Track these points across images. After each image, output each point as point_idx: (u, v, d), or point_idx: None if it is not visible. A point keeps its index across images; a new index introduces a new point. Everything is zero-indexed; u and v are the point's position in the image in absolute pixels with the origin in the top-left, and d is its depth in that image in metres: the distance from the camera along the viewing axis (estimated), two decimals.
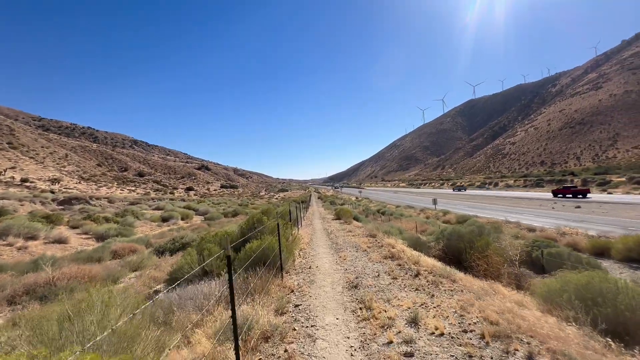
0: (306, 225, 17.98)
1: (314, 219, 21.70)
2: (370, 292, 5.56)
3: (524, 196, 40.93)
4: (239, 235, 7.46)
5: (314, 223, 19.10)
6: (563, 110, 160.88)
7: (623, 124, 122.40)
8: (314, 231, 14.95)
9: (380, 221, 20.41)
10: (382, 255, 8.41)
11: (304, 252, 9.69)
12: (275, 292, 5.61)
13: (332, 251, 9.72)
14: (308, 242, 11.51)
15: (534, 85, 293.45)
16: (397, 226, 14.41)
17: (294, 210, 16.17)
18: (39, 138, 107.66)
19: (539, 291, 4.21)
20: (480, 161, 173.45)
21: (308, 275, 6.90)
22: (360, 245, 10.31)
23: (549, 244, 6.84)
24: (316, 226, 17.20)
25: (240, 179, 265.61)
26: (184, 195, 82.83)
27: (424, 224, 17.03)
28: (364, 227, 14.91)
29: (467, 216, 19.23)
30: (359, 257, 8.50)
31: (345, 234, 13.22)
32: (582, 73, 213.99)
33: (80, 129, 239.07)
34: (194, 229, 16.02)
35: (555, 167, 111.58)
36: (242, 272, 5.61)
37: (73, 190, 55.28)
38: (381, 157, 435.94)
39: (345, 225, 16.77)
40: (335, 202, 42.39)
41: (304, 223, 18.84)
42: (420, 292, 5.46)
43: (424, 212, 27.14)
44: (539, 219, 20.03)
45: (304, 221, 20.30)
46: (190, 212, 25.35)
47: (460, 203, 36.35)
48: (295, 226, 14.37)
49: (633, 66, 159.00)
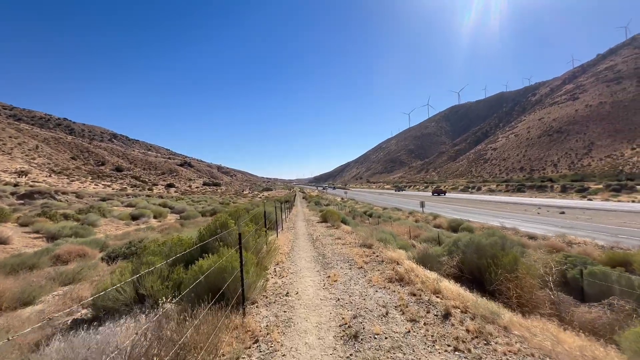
0: (288, 228, 16.24)
1: (298, 221, 20.01)
2: (380, 352, 3.60)
3: (508, 201, 41.35)
4: (198, 243, 5.72)
5: (297, 226, 17.41)
6: (542, 119, 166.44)
7: (597, 134, 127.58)
8: (297, 236, 13.20)
9: (368, 223, 19.40)
10: (386, 276, 6.49)
11: (281, 266, 7.83)
12: (228, 344, 3.63)
13: (318, 266, 7.78)
14: (288, 252, 9.66)
15: (515, 93, 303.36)
16: (388, 230, 13.36)
17: (275, 211, 14.87)
18: (6, 128, 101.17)
19: (629, 344, 3.14)
20: (462, 165, 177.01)
21: (283, 309, 4.95)
22: (354, 258, 8.34)
23: (585, 261, 5.91)
24: (299, 230, 15.47)
25: (224, 177, 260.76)
26: (164, 192, 79.72)
27: (416, 229, 15.80)
28: (354, 232, 13.39)
29: (459, 220, 18.48)
30: (355, 278, 6.54)
31: (334, 242, 11.39)
32: (561, 83, 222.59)
33: (56, 120, 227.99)
34: (164, 230, 14.51)
35: (533, 173, 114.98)
36: (185, 303, 3.88)
37: (41, 184, 51.80)
38: (367, 158, 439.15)
39: (332, 229, 15.05)
40: (321, 203, 41.42)
41: (285, 226, 17.22)
42: (464, 354, 3.51)
43: (413, 215, 26.48)
44: (531, 224, 19.56)
45: (286, 223, 18.60)
46: (164, 210, 23.45)
47: (446, 206, 36.20)
48: (274, 230, 13.14)
49: (607, 79, 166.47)
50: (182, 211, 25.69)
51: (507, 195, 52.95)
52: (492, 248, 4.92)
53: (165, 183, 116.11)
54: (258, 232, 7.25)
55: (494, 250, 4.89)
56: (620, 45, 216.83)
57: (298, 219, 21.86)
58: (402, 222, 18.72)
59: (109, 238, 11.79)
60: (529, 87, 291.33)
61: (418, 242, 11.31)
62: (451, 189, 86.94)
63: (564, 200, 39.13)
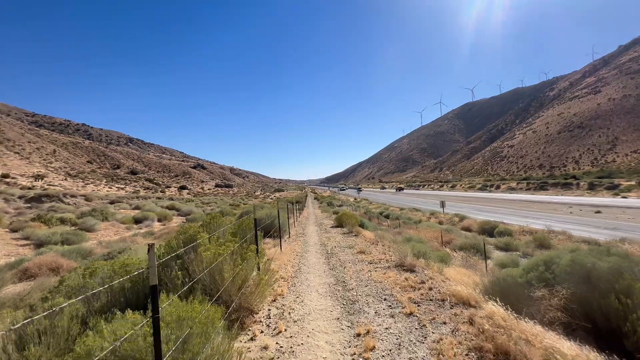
0: (296, 236, 13.37)
1: (308, 225, 17.42)
2: None
3: (533, 199, 38.91)
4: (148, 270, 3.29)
5: (308, 232, 14.73)
6: (562, 114, 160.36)
7: (622, 128, 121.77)
8: (306, 248, 10.31)
9: (386, 226, 17.71)
10: (466, 342, 3.53)
11: (280, 305, 5.15)
12: None
13: (338, 308, 4.93)
14: (292, 276, 6.91)
15: (531, 89, 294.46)
16: (416, 236, 11.11)
17: (280, 213, 11.90)
18: (26, 133, 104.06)
19: None
20: (478, 164, 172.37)
21: None
22: (393, 293, 5.39)
23: None
24: (310, 238, 12.66)
25: (237, 179, 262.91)
26: (176, 194, 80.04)
27: (445, 233, 13.11)
28: (379, 241, 10.55)
29: (492, 223, 15.95)
30: (407, 344, 3.64)
31: (356, 258, 8.41)
32: (580, 77, 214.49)
33: (75, 126, 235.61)
34: (163, 234, 13.50)
35: (554, 171, 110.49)
36: None
37: (56, 187, 52.39)
38: (378, 158, 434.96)
39: (351, 238, 12.00)
40: (333, 204, 40.05)
41: (294, 232, 14.62)
42: None
43: (435, 216, 24.47)
44: (571, 226, 17.10)
45: (295, 228, 16.02)
46: (169, 213, 22.55)
47: (467, 206, 34.23)
48: (279, 238, 10.89)
49: (631, 71, 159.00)
50: (188, 213, 24.85)
51: (530, 194, 50.29)
52: (618, 277, 3.11)
53: (178, 185, 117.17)
54: (245, 251, 4.60)
55: (624, 281, 2.97)
56: None
57: (309, 222, 19.48)
58: (425, 224, 16.71)
59: (101, 244, 10.83)
60: (546, 82, 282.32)
61: (452, 250, 9.69)
62: (468, 187, 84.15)
63: (594, 198, 36.45)
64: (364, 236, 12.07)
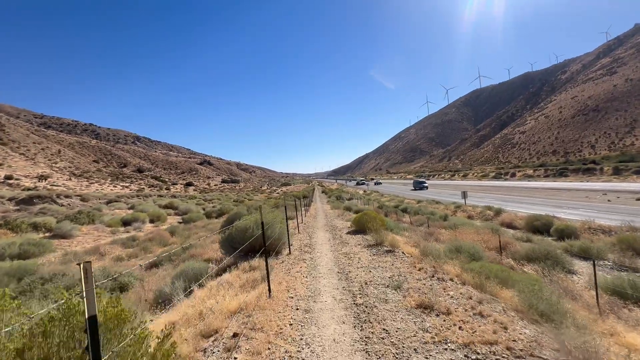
0: (300, 251, 9.40)
1: (317, 230, 13.49)
2: None
3: (557, 187, 36.17)
4: None
5: (316, 242, 10.67)
6: (575, 97, 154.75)
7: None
8: (314, 288, 6.15)
9: (408, 222, 15.41)
10: None
11: None
12: None
13: None
14: None
15: (541, 72, 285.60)
16: (465, 243, 7.98)
17: (283, 217, 9.41)
18: (31, 134, 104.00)
19: None
20: (488, 151, 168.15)
21: None
22: None
23: None
24: (320, 257, 8.50)
25: (243, 174, 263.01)
26: (182, 191, 79.02)
27: (490, 233, 10.20)
28: (429, 261, 6.91)
29: (542, 217, 12.82)
30: None
31: (419, 328, 4.14)
32: (594, 58, 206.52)
33: (82, 126, 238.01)
34: (147, 240, 11.74)
35: (568, 156, 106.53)
36: None
37: (60, 187, 51.48)
38: (385, 149, 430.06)
39: (384, 256, 8.05)
40: (342, 197, 38.03)
41: (296, 244, 10.38)
42: None
43: (462, 209, 21.17)
44: (615, 216, 14.32)
45: (299, 236, 12.21)
46: (163, 213, 20.68)
47: (487, 195, 31.89)
48: (275, 253, 8.32)
49: None
50: (186, 212, 23.00)
51: (551, 181, 47.43)
52: None
53: (184, 182, 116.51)
54: None
55: None
56: None
57: (317, 223, 15.72)
58: (455, 220, 14.35)
59: (65, 257, 9.17)
60: (558, 65, 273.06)
61: (516, 262, 7.11)
62: (481, 176, 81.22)
63: (627, 183, 33.52)
64: (402, 250, 8.31)
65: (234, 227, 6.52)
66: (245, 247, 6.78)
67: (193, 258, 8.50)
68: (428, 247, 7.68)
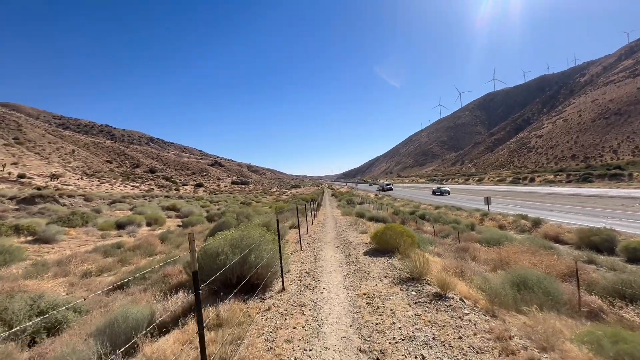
0: (301, 276, 7.23)
1: (325, 246, 10.70)
2: None
3: (585, 193, 33.68)
4: None
5: (323, 263, 8.34)
6: (596, 100, 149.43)
7: None
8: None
9: (430, 233, 13.61)
10: None
11: None
12: None
13: None
14: None
15: (559, 75, 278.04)
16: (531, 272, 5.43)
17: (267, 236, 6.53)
18: (47, 134, 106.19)
19: None
20: (502, 156, 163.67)
21: None
22: None
23: None
24: (327, 299, 5.69)
25: (253, 175, 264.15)
26: (191, 192, 78.94)
27: (546, 254, 7.84)
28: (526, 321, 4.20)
29: (600, 231, 10.49)
30: None
31: None
32: (616, 60, 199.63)
33: (99, 127, 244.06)
34: (134, 247, 10.52)
35: (589, 161, 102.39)
36: None
37: (70, 187, 51.68)
38: (396, 152, 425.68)
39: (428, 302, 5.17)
40: (353, 201, 36.56)
41: (295, 262, 8.47)
42: None
43: (489, 217, 19.00)
44: None
45: (301, 252, 9.78)
46: (162, 216, 19.49)
47: (508, 201, 29.93)
48: (261, 289, 5.86)
49: None
50: (188, 214, 21.85)
51: (575, 187, 44.80)
52: None
53: (194, 183, 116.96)
54: None
55: None
56: None
57: (326, 236, 12.91)
58: (486, 232, 12.23)
59: (35, 266, 8.08)
60: (576, 68, 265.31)
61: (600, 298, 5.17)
62: (497, 181, 78.40)
63: None
64: (459, 294, 5.35)
65: (201, 250, 4.95)
66: (220, 277, 4.72)
67: (167, 279, 6.80)
68: (493, 287, 5.12)
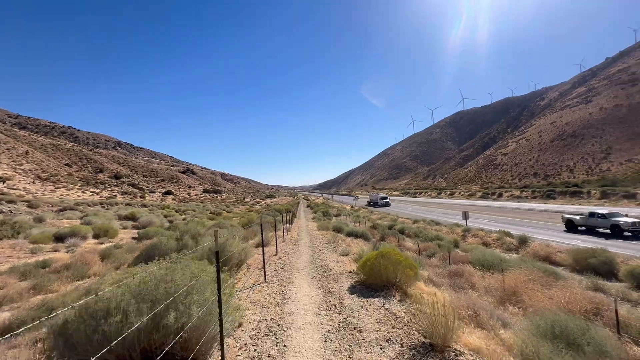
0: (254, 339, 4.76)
1: (298, 271, 9.21)
2: None
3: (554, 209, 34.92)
4: None
5: (293, 307, 6.20)
6: (554, 123, 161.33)
7: (615, 137, 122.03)
8: None
9: (412, 250, 12.82)
10: None
11: None
12: None
13: None
14: None
15: (521, 98, 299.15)
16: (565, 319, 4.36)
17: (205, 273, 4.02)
18: None
19: None
20: (471, 171, 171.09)
21: None
22: None
23: None
24: None
25: (227, 184, 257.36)
26: (158, 200, 74.42)
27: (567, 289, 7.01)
28: None
29: (596, 253, 9.82)
30: None
31: None
32: (570, 87, 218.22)
33: (60, 128, 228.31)
34: (56, 269, 8.69)
35: (549, 179, 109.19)
36: None
37: (18, 191, 46.69)
38: (371, 165, 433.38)
39: None
40: (329, 213, 35.52)
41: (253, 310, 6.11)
42: None
43: (471, 233, 18.31)
44: None
45: (265, 286, 7.81)
46: (113, 227, 17.14)
47: (482, 216, 30.25)
48: None
49: (621, 81, 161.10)
50: (147, 225, 19.54)
51: (541, 203, 46.82)
52: None
53: (163, 190, 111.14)
54: None
55: None
56: (630, 47, 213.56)
57: (300, 258, 10.90)
58: (473, 250, 11.29)
59: None
60: (536, 92, 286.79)
61: None
62: (468, 195, 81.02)
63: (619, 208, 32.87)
64: None
65: (79, 308, 2.78)
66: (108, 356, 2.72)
67: None
68: None
